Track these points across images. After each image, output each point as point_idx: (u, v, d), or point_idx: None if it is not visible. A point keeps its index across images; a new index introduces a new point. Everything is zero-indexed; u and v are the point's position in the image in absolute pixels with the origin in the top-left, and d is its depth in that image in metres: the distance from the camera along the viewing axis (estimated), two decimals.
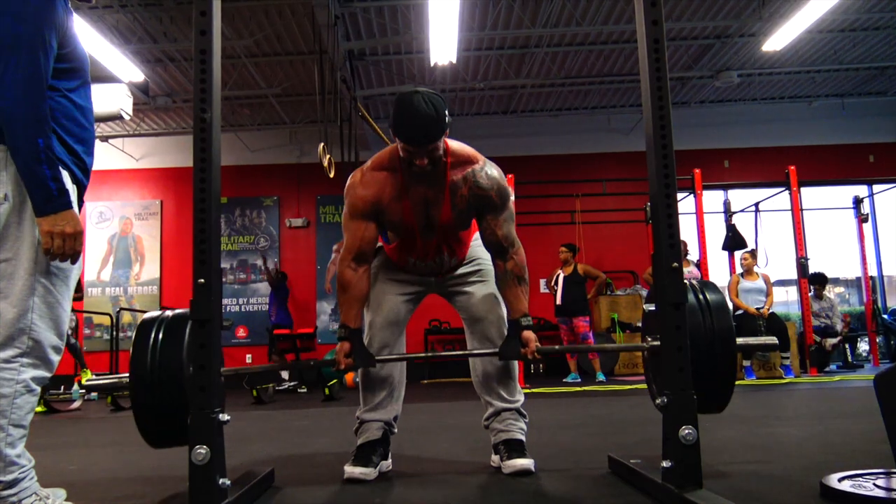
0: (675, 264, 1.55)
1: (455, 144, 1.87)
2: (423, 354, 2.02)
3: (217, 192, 1.57)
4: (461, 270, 2.06)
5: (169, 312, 1.76)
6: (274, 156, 8.79)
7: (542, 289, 7.29)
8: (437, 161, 1.78)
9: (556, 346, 1.95)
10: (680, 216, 1.59)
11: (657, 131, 1.58)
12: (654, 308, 1.66)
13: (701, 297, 1.73)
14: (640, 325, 7.11)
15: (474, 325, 2.01)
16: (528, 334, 1.84)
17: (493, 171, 1.88)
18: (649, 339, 1.76)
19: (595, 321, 7.40)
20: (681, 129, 7.84)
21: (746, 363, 5.94)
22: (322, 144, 4.70)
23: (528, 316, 1.86)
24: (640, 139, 8.51)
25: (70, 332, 5.71)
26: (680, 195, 7.11)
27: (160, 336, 1.67)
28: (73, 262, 1.46)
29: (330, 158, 4.77)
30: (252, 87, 7.32)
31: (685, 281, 1.58)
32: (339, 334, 1.85)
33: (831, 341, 6.74)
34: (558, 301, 6.42)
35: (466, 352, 1.91)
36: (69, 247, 1.42)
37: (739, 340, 1.71)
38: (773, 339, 1.79)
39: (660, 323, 1.57)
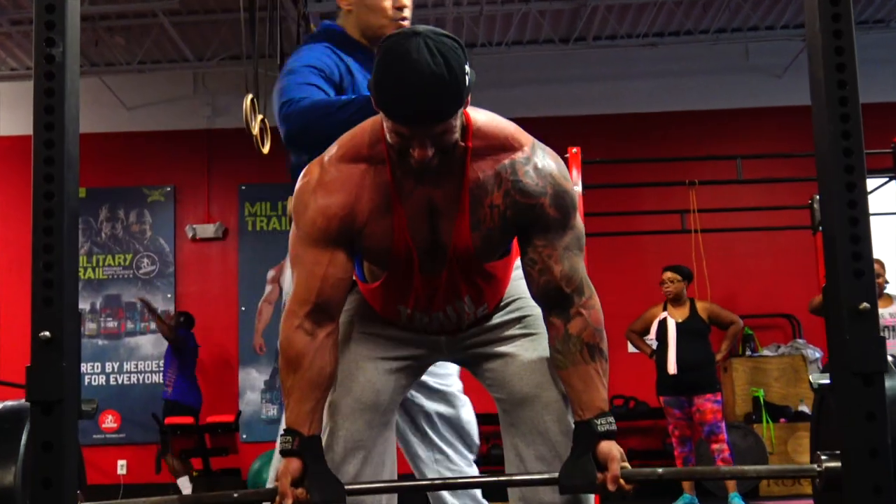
0: (865, 304, 1.55)
1: (481, 118, 1.88)
2: (426, 482, 2.03)
3: (73, 181, 1.59)
4: (493, 320, 2.06)
5: None
6: (167, 117, 8.88)
7: (630, 348, 7.25)
8: (450, 149, 1.78)
9: (660, 469, 1.92)
10: (873, 217, 1.60)
11: (830, 73, 1.58)
12: (827, 381, 1.65)
13: None
14: (804, 409, 7.07)
15: (517, 412, 2.01)
16: (609, 448, 1.83)
17: (548, 162, 1.89)
18: (822, 457, 1.76)
19: (724, 401, 7.35)
20: (875, 66, 7.83)
21: None
22: (250, 97, 4.73)
23: (608, 415, 1.86)
24: (800, 86, 8.25)
25: None
26: (873, 182, 7.10)
27: None
28: None
29: (263, 121, 4.80)
30: None
31: (883, 334, 1.58)
32: (283, 445, 1.85)
33: None
34: (670, 369, 6.24)
35: (503, 478, 1.90)
36: None
37: None
38: None
39: (837, 414, 1.56)
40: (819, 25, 1.60)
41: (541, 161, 1.87)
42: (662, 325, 6.39)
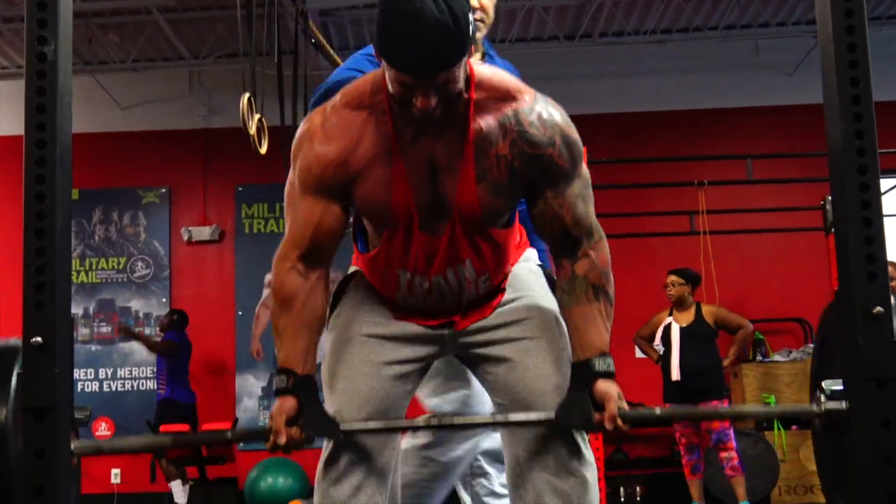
0: (879, 308, 1.55)
1: (485, 71, 1.92)
2: (422, 423, 2.11)
3: (66, 182, 1.60)
4: (494, 319, 2.06)
5: None
6: (162, 116, 8.87)
7: (638, 353, 7.23)
8: (454, 99, 1.80)
9: (657, 410, 1.96)
10: (887, 219, 1.60)
11: (842, 70, 1.58)
12: (839, 388, 1.65)
13: None
14: None
15: None
16: (606, 387, 1.85)
17: (552, 111, 1.92)
18: (822, 397, 1.77)
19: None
20: (889, 63, 7.82)
21: None
22: (247, 96, 4.75)
23: (607, 356, 1.89)
24: (811, 83, 8.10)
25: None
26: (887, 182, 7.08)
27: None
28: None
29: (260, 120, 4.81)
30: None
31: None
32: (278, 385, 1.89)
33: None
34: (674, 375, 6.30)
35: (499, 418, 1.95)
36: None
37: None
38: None
39: (849, 420, 1.56)
40: (831, 21, 1.60)
41: (545, 111, 1.91)
42: (667, 330, 6.44)
